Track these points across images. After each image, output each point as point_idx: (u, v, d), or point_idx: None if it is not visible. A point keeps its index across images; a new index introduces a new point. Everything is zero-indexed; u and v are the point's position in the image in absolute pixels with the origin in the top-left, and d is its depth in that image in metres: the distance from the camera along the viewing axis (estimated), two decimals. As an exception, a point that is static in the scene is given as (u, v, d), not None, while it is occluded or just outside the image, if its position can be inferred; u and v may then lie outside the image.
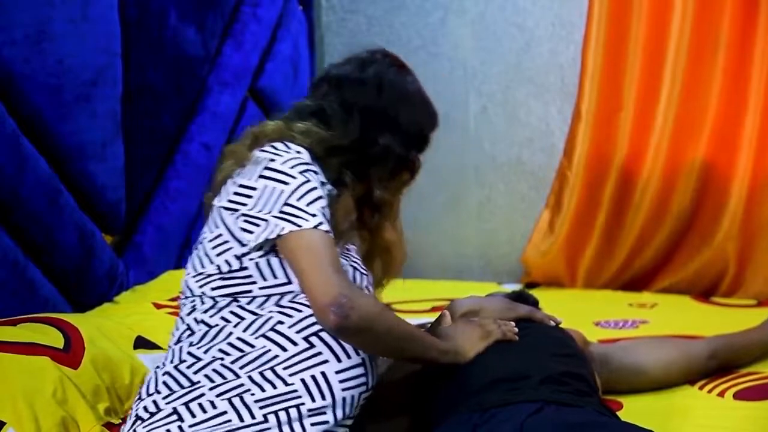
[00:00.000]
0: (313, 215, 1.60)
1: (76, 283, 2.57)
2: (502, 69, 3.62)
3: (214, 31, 3.11)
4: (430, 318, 1.94)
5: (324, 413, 1.59)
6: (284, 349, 1.60)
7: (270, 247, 1.63)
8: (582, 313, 2.87)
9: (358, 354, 1.63)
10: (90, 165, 2.58)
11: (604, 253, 3.35)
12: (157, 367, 1.68)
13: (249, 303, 1.64)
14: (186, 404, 1.59)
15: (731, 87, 3.20)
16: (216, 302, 1.65)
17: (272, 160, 1.65)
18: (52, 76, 2.44)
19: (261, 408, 1.57)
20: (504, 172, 3.65)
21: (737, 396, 2.10)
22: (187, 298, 1.70)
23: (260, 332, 1.61)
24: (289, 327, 1.61)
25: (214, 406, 1.58)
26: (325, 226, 1.60)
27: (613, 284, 3.35)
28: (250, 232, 1.63)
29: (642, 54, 3.27)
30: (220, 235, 1.67)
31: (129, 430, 1.63)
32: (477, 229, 3.71)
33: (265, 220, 1.61)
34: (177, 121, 3.00)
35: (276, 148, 1.67)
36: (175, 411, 1.59)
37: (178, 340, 1.68)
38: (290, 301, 1.63)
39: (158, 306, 2.51)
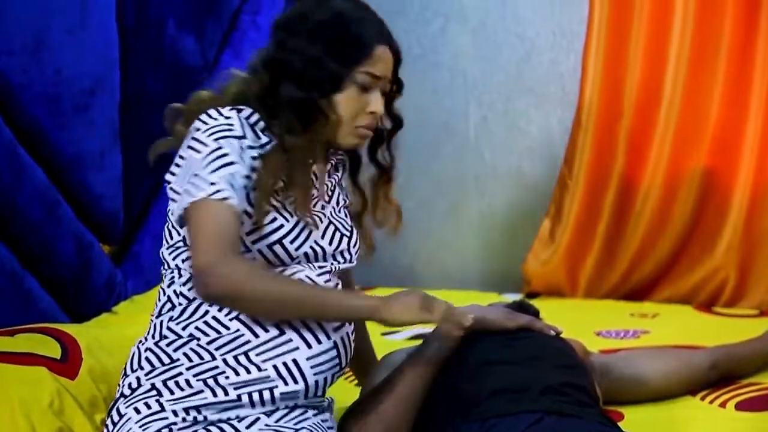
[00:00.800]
0: (212, 183, 1.58)
1: (74, 294, 2.57)
2: (502, 78, 3.63)
3: (212, 40, 3.11)
4: (429, 328, 1.94)
5: (297, 396, 1.64)
6: (256, 335, 1.62)
7: (258, 218, 1.63)
8: (583, 323, 2.87)
9: (329, 338, 1.65)
10: (88, 174, 2.58)
11: (605, 263, 3.35)
12: (140, 341, 1.71)
13: None
14: (164, 381, 1.63)
15: (732, 94, 3.20)
16: (192, 275, 1.64)
17: (197, 129, 1.65)
18: (50, 86, 2.45)
19: (235, 389, 1.61)
20: (504, 181, 3.65)
21: (739, 407, 2.10)
22: (166, 270, 1.72)
23: (233, 314, 1.63)
24: None
25: (190, 385, 1.62)
26: (223, 194, 1.57)
27: (614, 294, 3.34)
28: (172, 208, 1.67)
29: (642, 62, 3.28)
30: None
31: (114, 406, 1.67)
32: (477, 239, 3.71)
33: (179, 193, 1.64)
34: (175, 131, 2.99)
35: (208, 115, 1.66)
36: (154, 387, 1.64)
37: (159, 314, 1.70)
38: None
39: (156, 316, 2.50)
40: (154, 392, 1.63)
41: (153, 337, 1.69)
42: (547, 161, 3.55)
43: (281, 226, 1.66)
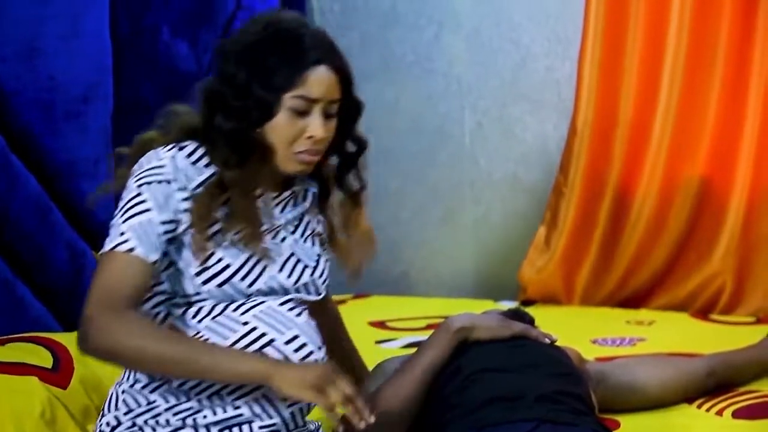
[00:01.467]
0: (122, 233, 1.57)
1: (67, 302, 2.56)
2: (497, 85, 3.63)
3: (207, 47, 3.11)
4: (425, 336, 1.94)
5: (274, 426, 1.62)
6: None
7: (171, 258, 1.61)
8: (579, 330, 2.87)
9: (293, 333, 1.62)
10: (81, 182, 2.58)
11: (601, 270, 3.35)
12: (118, 383, 1.70)
13: (183, 314, 1.62)
14: (145, 420, 1.62)
15: (729, 102, 3.21)
16: (153, 316, 1.64)
17: (131, 174, 1.63)
18: (43, 92, 2.45)
19: (215, 426, 1.61)
20: (499, 188, 3.65)
21: (736, 414, 2.10)
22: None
23: None
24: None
25: (169, 423, 1.61)
26: (128, 245, 1.55)
27: (610, 301, 3.34)
28: None
29: (638, 70, 3.28)
30: None
31: None
32: (472, 246, 3.71)
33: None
34: (169, 138, 2.99)
35: (146, 159, 1.63)
36: (134, 424, 1.63)
37: (128, 373, 1.69)
38: (221, 314, 1.61)
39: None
40: (135, 428, 1.63)
41: (128, 379, 1.67)
42: (543, 168, 3.55)
43: (228, 265, 1.61)
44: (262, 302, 1.63)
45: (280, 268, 1.66)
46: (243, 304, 1.62)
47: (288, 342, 1.61)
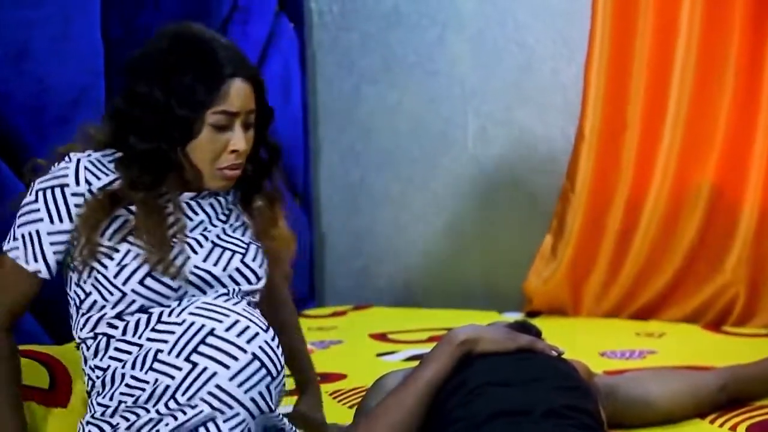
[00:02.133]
0: (15, 238, 1.67)
1: (57, 314, 2.56)
2: (501, 88, 3.64)
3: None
4: (428, 349, 1.94)
5: (239, 416, 1.64)
6: (172, 377, 1.63)
7: (88, 266, 1.67)
8: (586, 343, 2.87)
9: (245, 351, 1.64)
10: (71, 190, 2.58)
11: (609, 280, 3.35)
12: (83, 418, 1.73)
13: (124, 333, 1.67)
14: None
15: (740, 106, 3.21)
16: (98, 341, 1.69)
17: (41, 174, 1.70)
18: (32, 97, 2.45)
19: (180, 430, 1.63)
20: (504, 195, 3.65)
21: (750, 430, 2.10)
22: (79, 348, 1.76)
23: (147, 366, 1.65)
24: (168, 353, 1.64)
25: None
26: (15, 253, 1.67)
27: (619, 312, 3.34)
28: None
29: (647, 73, 3.29)
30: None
31: None
32: (476, 255, 3.71)
33: None
34: (162, 143, 3.00)
35: (56, 164, 1.70)
36: None
37: (89, 394, 1.74)
38: (159, 322, 1.66)
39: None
40: None
41: (92, 414, 1.71)
42: (549, 174, 3.55)
43: (145, 260, 1.65)
44: (196, 300, 1.68)
45: (205, 257, 1.70)
46: (177, 307, 1.67)
47: (229, 328, 1.65)
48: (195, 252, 1.70)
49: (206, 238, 1.72)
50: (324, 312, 3.61)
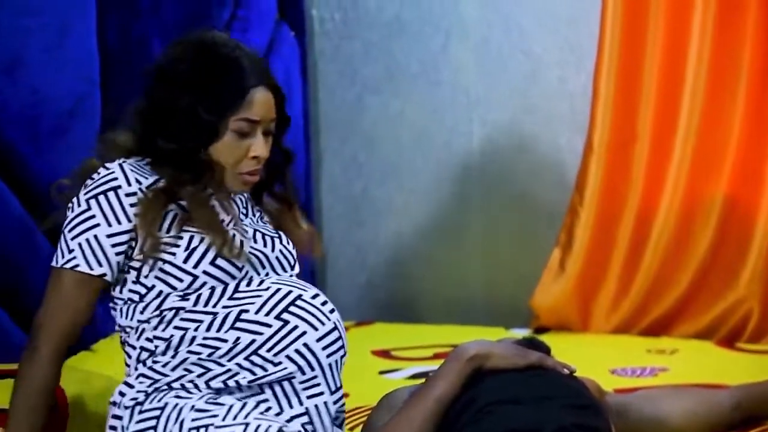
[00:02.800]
0: (70, 250, 1.72)
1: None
2: (507, 97, 3.65)
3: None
4: (433, 366, 1.95)
5: (317, 384, 1.76)
6: (260, 333, 1.72)
7: (153, 258, 1.73)
8: (596, 360, 2.87)
9: (329, 319, 1.78)
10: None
11: (619, 295, 3.35)
12: (123, 382, 1.77)
13: (195, 304, 1.74)
14: (178, 388, 1.71)
15: (754, 116, 3.22)
16: (162, 316, 1.74)
17: (84, 185, 1.76)
18: (27, 107, 2.46)
19: (256, 385, 1.72)
20: (510, 207, 3.66)
21: (765, 450, 2.11)
22: (128, 332, 1.79)
23: (227, 326, 1.73)
24: (256, 313, 1.73)
25: (209, 386, 1.71)
26: (74, 262, 1.71)
27: (629, 329, 3.34)
28: None
29: (658, 81, 3.29)
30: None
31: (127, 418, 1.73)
32: (482, 270, 3.71)
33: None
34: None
35: (96, 173, 1.75)
36: (169, 386, 1.72)
37: (138, 361, 1.76)
38: (236, 292, 1.74)
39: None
40: (168, 391, 1.72)
41: (141, 382, 1.74)
42: (557, 186, 3.56)
43: (212, 243, 1.75)
44: (267, 278, 1.78)
45: (254, 239, 1.81)
46: (252, 281, 1.76)
47: (313, 297, 1.78)
48: (244, 236, 1.79)
49: (246, 226, 1.82)
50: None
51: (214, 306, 1.74)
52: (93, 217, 1.72)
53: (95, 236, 1.71)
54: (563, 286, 3.37)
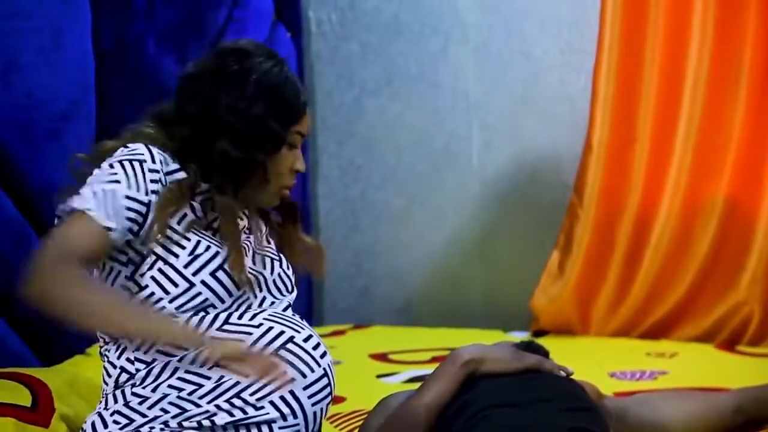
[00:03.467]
0: (86, 199, 1.69)
1: (44, 335, 2.57)
2: (507, 100, 3.65)
3: (196, 60, 3.13)
4: (428, 370, 1.95)
5: (296, 427, 1.71)
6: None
7: (154, 255, 1.72)
8: (595, 363, 2.87)
9: (319, 365, 1.74)
10: (61, 206, 2.59)
11: (619, 298, 3.35)
12: (97, 412, 1.72)
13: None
14: (151, 426, 1.66)
15: (755, 116, 3.22)
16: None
17: (110, 156, 1.75)
18: (21, 110, 2.47)
19: (232, 426, 1.66)
20: (509, 210, 3.66)
21: (765, 454, 2.10)
22: (108, 343, 1.76)
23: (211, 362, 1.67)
24: None
25: (182, 426, 1.65)
26: (88, 206, 1.68)
27: (629, 332, 3.34)
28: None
29: (658, 82, 3.30)
30: (103, 267, 1.75)
31: None
32: (480, 272, 3.72)
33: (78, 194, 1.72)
34: (156, 158, 3.01)
35: (124, 147, 1.76)
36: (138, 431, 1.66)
37: (116, 386, 1.72)
38: (227, 323, 1.71)
39: (134, 358, 2.50)
40: None
41: (116, 403, 1.71)
42: (556, 188, 3.56)
43: (217, 252, 1.74)
44: (261, 310, 1.75)
45: (253, 261, 1.81)
46: (244, 312, 1.74)
47: (306, 340, 1.75)
48: (246, 255, 1.79)
49: (248, 244, 1.82)
50: (323, 331, 3.61)
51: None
52: (115, 174, 1.71)
53: (113, 191, 1.69)
54: (562, 288, 3.37)
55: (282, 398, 1.68)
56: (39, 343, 2.56)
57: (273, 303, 1.81)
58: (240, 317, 1.73)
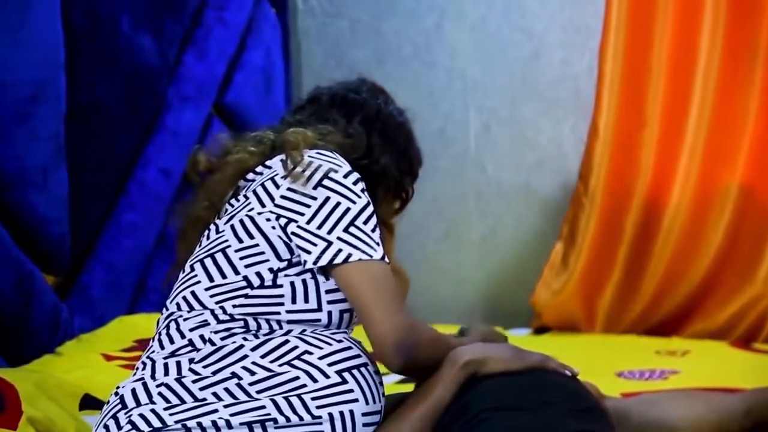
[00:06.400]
0: (378, 244, 1.72)
1: (13, 332, 2.57)
2: (506, 81, 3.65)
3: (173, 39, 3.13)
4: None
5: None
6: (314, 380, 1.68)
7: (310, 268, 1.72)
8: (602, 362, 2.87)
9: (380, 401, 1.76)
10: (29, 194, 2.59)
11: (626, 293, 3.36)
12: (139, 378, 1.70)
13: (269, 329, 1.71)
14: (198, 422, 1.64)
15: (771, 99, 3.24)
16: (232, 321, 1.71)
17: (334, 170, 1.74)
18: (-15, 92, 2.46)
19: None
20: (510, 199, 3.67)
21: (779, 459, 2.11)
22: (192, 311, 1.73)
23: (284, 360, 1.69)
24: (320, 358, 1.70)
25: (230, 426, 1.64)
26: (386, 259, 1.73)
27: (637, 328, 3.35)
28: (307, 251, 1.70)
29: (668, 62, 3.30)
30: (255, 245, 1.72)
31: None
32: (479, 266, 3.72)
33: (328, 241, 1.70)
34: (131, 144, 3.01)
35: (329, 156, 1.77)
36: (184, 427, 1.63)
37: (173, 354, 1.71)
38: (315, 333, 1.73)
39: (109, 358, 2.51)
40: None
41: (167, 374, 1.69)
42: (559, 176, 3.57)
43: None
44: (343, 330, 1.79)
45: None
46: (325, 329, 1.75)
47: (377, 373, 1.78)
48: None
49: None
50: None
51: (284, 336, 1.71)
52: (375, 214, 1.76)
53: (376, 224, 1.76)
54: (566, 283, 3.38)
55: (341, 413, 1.69)
56: (5, 341, 2.55)
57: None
58: (324, 329, 1.74)
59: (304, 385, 1.68)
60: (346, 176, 1.74)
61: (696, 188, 3.29)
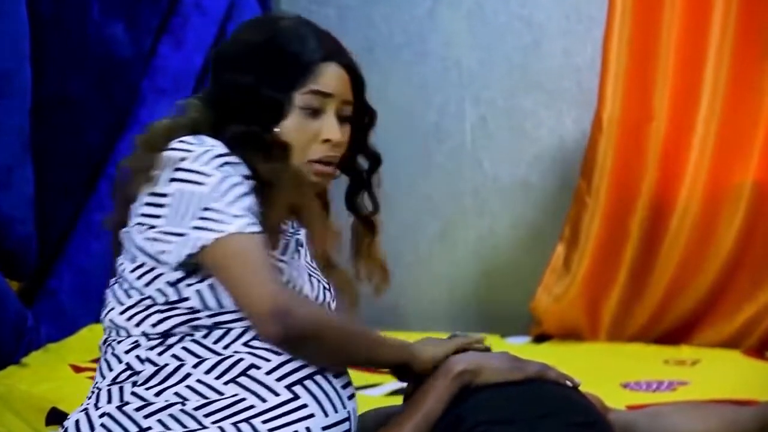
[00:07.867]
0: (237, 216, 1.65)
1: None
2: (504, 71, 3.65)
3: (147, 27, 3.12)
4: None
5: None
6: (263, 400, 1.66)
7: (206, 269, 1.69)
8: (606, 372, 2.88)
9: (344, 407, 1.72)
10: (-8, 193, 2.59)
11: (632, 298, 3.36)
12: (83, 409, 1.70)
13: (205, 337, 1.69)
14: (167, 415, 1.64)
15: (786, 92, 3.24)
16: (166, 337, 1.69)
17: (183, 159, 1.69)
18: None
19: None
20: (508, 197, 3.67)
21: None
22: (120, 336, 1.73)
23: (228, 377, 1.66)
24: (267, 373, 1.67)
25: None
26: (255, 227, 1.66)
27: (644, 336, 3.35)
28: (169, 252, 1.67)
29: (676, 52, 3.30)
30: (143, 264, 1.71)
31: None
32: (475, 268, 3.72)
33: (182, 235, 1.66)
34: (102, 139, 3.00)
35: (186, 142, 1.72)
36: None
37: (114, 381, 1.70)
38: (254, 339, 1.69)
39: (78, 369, 2.50)
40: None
41: (110, 402, 1.68)
42: (561, 173, 3.57)
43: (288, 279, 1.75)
44: None
45: (311, 287, 1.79)
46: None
47: (337, 376, 1.74)
48: (303, 278, 1.79)
49: (300, 265, 1.80)
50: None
51: (225, 347, 1.68)
52: (238, 184, 1.69)
53: (251, 203, 1.69)
54: (568, 287, 3.38)
55: None
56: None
57: None
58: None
59: (253, 406, 1.65)
60: (196, 159, 1.69)
61: (706, 186, 3.29)
